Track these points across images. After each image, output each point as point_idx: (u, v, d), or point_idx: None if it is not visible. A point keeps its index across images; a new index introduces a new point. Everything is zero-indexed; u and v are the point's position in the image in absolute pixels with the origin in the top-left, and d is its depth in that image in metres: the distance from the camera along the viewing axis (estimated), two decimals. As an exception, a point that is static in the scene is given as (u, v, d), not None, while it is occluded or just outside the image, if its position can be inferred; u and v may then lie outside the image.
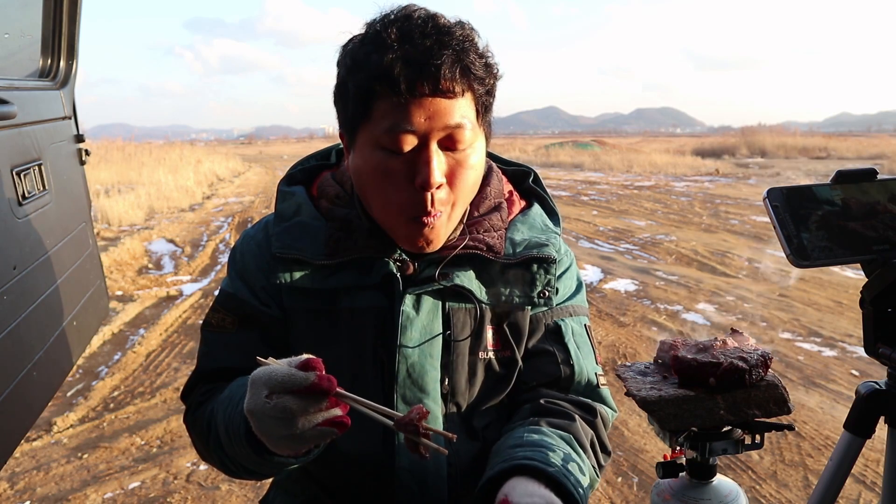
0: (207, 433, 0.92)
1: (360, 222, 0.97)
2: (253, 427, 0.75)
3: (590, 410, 1.00)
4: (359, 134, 0.89)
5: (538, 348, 1.01)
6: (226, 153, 35.03)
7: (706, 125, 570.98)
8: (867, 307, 0.84)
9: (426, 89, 0.83)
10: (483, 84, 0.89)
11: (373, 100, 0.85)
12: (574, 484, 0.83)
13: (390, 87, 0.83)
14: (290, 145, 79.60)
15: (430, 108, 0.84)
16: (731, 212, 11.08)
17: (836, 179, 0.87)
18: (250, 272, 1.00)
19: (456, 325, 0.96)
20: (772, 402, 0.82)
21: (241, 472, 0.91)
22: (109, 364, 4.35)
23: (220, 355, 0.99)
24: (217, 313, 1.01)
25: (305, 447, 0.76)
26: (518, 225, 1.03)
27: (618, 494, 2.69)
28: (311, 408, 0.71)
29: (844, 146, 31.36)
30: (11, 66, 1.85)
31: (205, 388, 1.00)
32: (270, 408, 0.70)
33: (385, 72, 0.83)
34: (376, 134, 0.86)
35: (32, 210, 1.65)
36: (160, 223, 10.81)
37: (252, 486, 2.80)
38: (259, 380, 0.73)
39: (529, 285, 0.99)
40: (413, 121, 0.84)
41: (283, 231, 0.98)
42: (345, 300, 0.96)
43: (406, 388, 0.94)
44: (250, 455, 0.81)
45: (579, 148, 35.32)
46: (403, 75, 0.82)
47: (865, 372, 3.90)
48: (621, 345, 4.44)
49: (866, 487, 2.67)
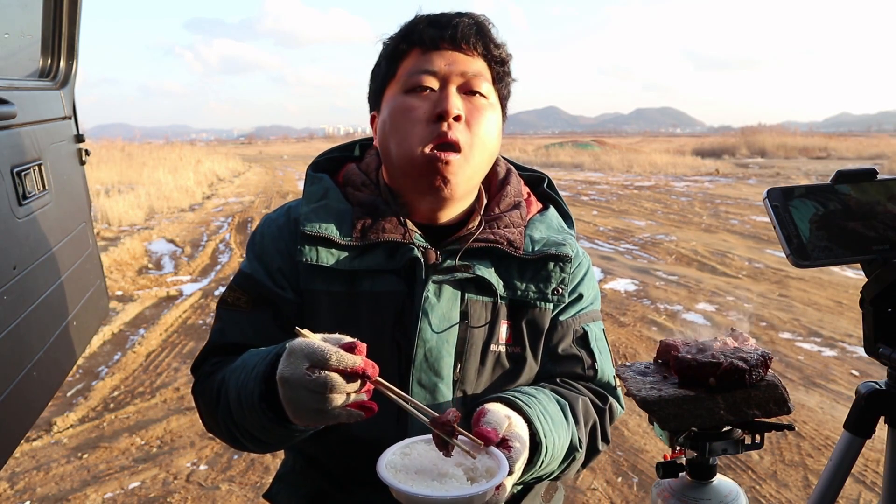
0: (216, 401, 0.94)
1: (385, 208, 1.01)
2: (281, 394, 0.78)
3: (602, 398, 1.06)
4: (386, 91, 1.00)
5: (568, 352, 1.06)
6: (226, 153, 35.04)
7: (706, 125, 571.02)
8: (867, 307, 0.84)
9: (447, 44, 0.96)
10: (497, 49, 1.00)
11: (400, 59, 0.98)
12: (544, 427, 0.89)
13: (417, 41, 0.97)
14: (290, 145, 79.58)
15: (449, 57, 0.96)
16: (731, 212, 11.08)
17: (836, 179, 0.87)
18: (268, 253, 1.03)
19: (473, 315, 1.00)
20: (772, 402, 0.82)
21: (244, 440, 0.93)
22: (109, 364, 4.35)
23: (233, 331, 1.02)
24: (233, 292, 1.04)
25: (327, 422, 0.78)
26: (537, 224, 1.07)
27: (618, 494, 2.69)
28: (348, 388, 0.74)
29: (844, 146, 31.37)
30: (11, 66, 1.85)
31: (215, 360, 1.03)
32: (310, 380, 0.73)
33: (411, 30, 0.98)
34: (402, 82, 0.97)
35: (32, 210, 1.65)
36: (160, 223, 10.81)
37: (252, 486, 2.81)
38: (300, 351, 0.75)
39: (545, 282, 1.03)
40: (434, 64, 0.96)
41: (311, 211, 1.01)
42: (365, 283, 1.00)
43: (422, 372, 0.97)
44: (259, 419, 0.84)
45: (579, 148, 35.33)
46: (426, 32, 0.96)
47: (865, 372, 3.90)
48: (621, 345, 4.44)
49: (866, 487, 2.67)
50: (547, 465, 0.92)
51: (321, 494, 1.07)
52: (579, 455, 0.98)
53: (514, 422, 0.85)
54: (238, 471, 2.95)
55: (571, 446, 0.96)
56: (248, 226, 10.36)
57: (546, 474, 0.95)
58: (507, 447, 0.81)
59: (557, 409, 0.95)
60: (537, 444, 0.88)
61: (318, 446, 1.04)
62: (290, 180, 20.10)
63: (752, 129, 39.59)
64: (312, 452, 1.08)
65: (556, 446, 0.91)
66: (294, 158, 39.66)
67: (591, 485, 2.77)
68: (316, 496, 1.08)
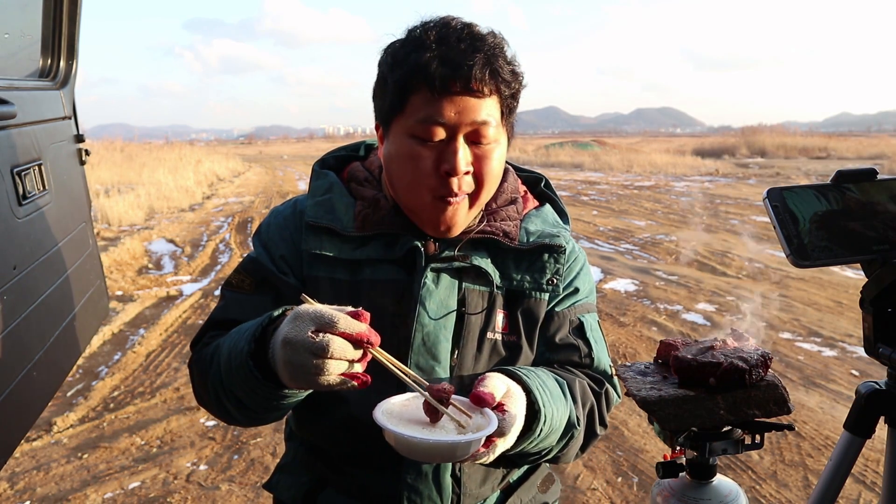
0: (208, 366, 0.97)
1: (386, 202, 1.05)
2: (280, 355, 0.80)
3: (598, 383, 1.08)
4: (393, 124, 0.98)
5: (565, 342, 1.09)
6: (226, 153, 35.04)
7: (706, 125, 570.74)
8: (867, 307, 0.84)
9: (458, 87, 0.92)
10: (509, 87, 0.97)
11: (409, 94, 0.94)
12: (542, 397, 0.92)
13: (426, 83, 0.92)
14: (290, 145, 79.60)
15: (459, 104, 0.93)
16: (731, 212, 11.08)
17: (836, 179, 0.87)
18: (273, 241, 1.08)
19: (470, 303, 1.04)
20: (772, 402, 0.82)
21: (230, 405, 0.94)
22: (109, 364, 4.35)
23: (234, 311, 1.05)
24: (238, 275, 1.09)
25: (320, 388, 0.80)
26: (533, 218, 1.11)
27: (618, 494, 2.70)
28: (350, 354, 0.77)
29: (844, 146, 31.36)
30: (11, 66, 1.85)
31: (213, 333, 1.06)
32: (314, 343, 0.75)
33: (422, 68, 0.92)
34: (409, 124, 0.95)
35: (32, 210, 1.65)
36: (160, 223, 10.81)
37: (252, 486, 2.81)
38: (306, 315, 0.78)
39: (540, 272, 1.07)
40: (444, 114, 0.93)
41: (316, 204, 1.06)
42: (366, 272, 1.03)
43: (420, 356, 1.00)
44: (246, 377, 0.86)
45: (579, 148, 35.32)
46: (438, 73, 0.92)
47: (865, 372, 3.90)
48: (621, 345, 4.44)
49: (866, 487, 2.67)
50: (546, 436, 0.94)
51: (321, 481, 1.10)
52: (577, 433, 1.01)
53: (513, 391, 0.88)
54: (238, 471, 2.95)
55: (570, 423, 0.98)
56: (248, 226, 10.36)
57: (545, 448, 0.97)
58: (501, 410, 0.84)
59: (556, 385, 0.98)
60: (536, 413, 0.90)
61: (319, 431, 1.06)
62: (290, 180, 20.10)
63: (752, 129, 39.60)
64: (313, 440, 1.10)
65: (554, 418, 0.94)
66: (294, 158, 39.65)
67: (591, 485, 2.77)
68: (316, 483, 1.10)
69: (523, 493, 1.13)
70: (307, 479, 1.11)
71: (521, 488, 1.12)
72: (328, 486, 1.09)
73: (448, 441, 0.77)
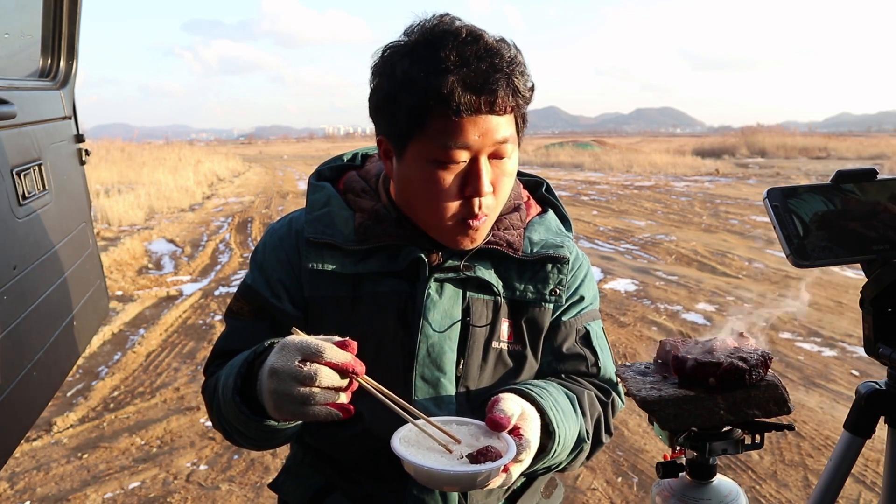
0: (212, 398, 0.99)
1: (386, 213, 1.03)
2: (266, 385, 0.80)
3: (605, 393, 1.09)
4: (409, 147, 0.94)
5: (572, 351, 1.09)
6: (226, 153, 35.02)
7: (706, 125, 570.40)
8: (867, 307, 0.83)
9: (482, 109, 0.89)
10: (526, 102, 0.97)
11: (427, 117, 0.90)
12: (556, 418, 0.92)
13: (449, 108, 0.88)
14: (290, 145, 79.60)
15: (482, 125, 0.90)
16: (731, 212, 11.08)
17: (836, 179, 0.87)
18: (269, 264, 1.06)
19: (474, 313, 1.03)
20: (772, 402, 0.82)
21: (234, 435, 0.97)
22: (109, 364, 4.35)
23: (236, 339, 1.06)
24: (237, 302, 1.09)
25: (305, 418, 0.80)
26: (536, 226, 1.09)
27: (618, 494, 2.70)
28: (336, 383, 0.77)
29: (844, 146, 31.36)
30: (11, 66, 1.85)
31: (220, 361, 1.07)
32: (300, 372, 0.76)
33: (446, 95, 0.87)
34: (431, 148, 0.91)
35: (32, 210, 1.65)
36: (160, 223, 10.81)
37: (252, 486, 2.81)
38: (293, 345, 0.79)
39: (543, 283, 1.06)
40: (468, 137, 0.90)
41: (315, 219, 1.04)
42: (368, 285, 1.02)
43: (425, 367, 1.00)
44: (236, 413, 0.87)
45: (579, 148, 35.31)
46: (463, 99, 0.87)
47: (865, 372, 3.90)
48: (621, 345, 4.44)
49: (866, 487, 2.67)
50: (558, 455, 0.95)
51: (328, 485, 1.10)
52: (586, 446, 1.01)
53: (528, 413, 0.88)
54: (238, 471, 2.95)
55: (580, 437, 0.99)
56: (248, 226, 10.36)
57: (556, 464, 0.98)
58: (517, 435, 0.84)
59: (567, 402, 0.98)
60: (550, 434, 0.91)
61: (329, 441, 1.06)
62: (290, 180, 20.10)
63: (751, 129, 39.58)
64: (321, 447, 1.10)
65: (567, 436, 0.94)
66: (294, 158, 39.66)
67: (591, 485, 2.77)
68: (323, 487, 1.10)
69: (527, 500, 1.12)
70: (315, 481, 1.11)
71: (526, 495, 1.12)
72: (335, 491, 1.09)
73: (469, 471, 0.77)
